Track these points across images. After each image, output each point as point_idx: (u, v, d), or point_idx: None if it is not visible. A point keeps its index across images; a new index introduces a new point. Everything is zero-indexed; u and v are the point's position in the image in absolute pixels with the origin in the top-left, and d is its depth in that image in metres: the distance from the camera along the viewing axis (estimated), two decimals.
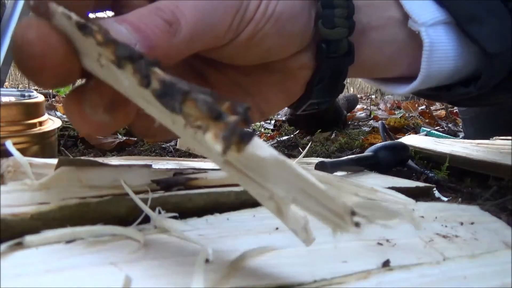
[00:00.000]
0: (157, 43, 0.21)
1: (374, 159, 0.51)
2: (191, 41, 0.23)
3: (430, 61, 0.34)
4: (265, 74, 0.31)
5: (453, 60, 0.35)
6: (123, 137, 0.76)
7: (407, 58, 0.35)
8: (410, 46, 0.34)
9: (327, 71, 0.31)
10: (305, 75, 0.32)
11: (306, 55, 0.31)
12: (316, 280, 0.21)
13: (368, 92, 3.99)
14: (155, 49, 0.21)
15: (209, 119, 0.16)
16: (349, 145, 0.77)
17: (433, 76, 0.35)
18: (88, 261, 0.21)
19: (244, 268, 0.22)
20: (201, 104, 0.16)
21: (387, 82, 0.39)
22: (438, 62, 0.34)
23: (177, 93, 0.16)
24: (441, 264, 0.24)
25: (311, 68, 0.31)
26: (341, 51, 0.31)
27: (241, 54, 0.27)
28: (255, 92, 0.31)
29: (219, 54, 0.27)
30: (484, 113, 0.79)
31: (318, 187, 0.17)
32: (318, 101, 0.34)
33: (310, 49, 0.31)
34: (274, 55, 0.29)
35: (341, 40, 0.30)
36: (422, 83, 0.35)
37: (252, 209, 0.31)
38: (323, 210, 0.17)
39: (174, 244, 0.24)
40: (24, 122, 0.47)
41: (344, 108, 1.20)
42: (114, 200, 0.27)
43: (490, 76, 0.35)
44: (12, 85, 3.15)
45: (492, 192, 0.45)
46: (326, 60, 0.31)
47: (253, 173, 0.17)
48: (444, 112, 1.35)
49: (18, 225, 0.23)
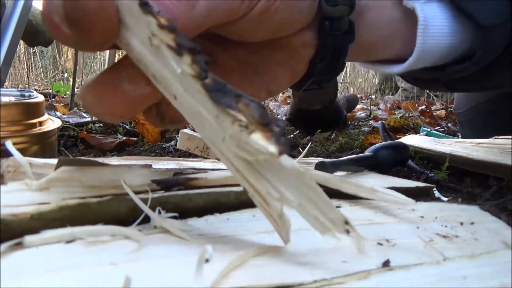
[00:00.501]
0: (178, 16, 0.23)
1: (374, 159, 0.51)
2: (208, 14, 0.24)
3: (425, 36, 0.35)
4: (271, 53, 0.32)
5: (449, 37, 0.35)
6: (123, 137, 0.76)
7: (403, 37, 0.36)
8: (406, 25, 0.35)
9: (329, 48, 0.33)
10: (308, 53, 0.33)
11: (309, 33, 0.32)
12: (316, 280, 0.21)
13: (368, 92, 3.99)
14: (176, 21, 0.22)
15: (258, 124, 0.19)
16: (349, 145, 0.77)
17: (429, 52, 0.36)
18: (88, 261, 0.21)
19: (244, 268, 0.22)
20: (254, 110, 0.19)
21: (384, 63, 0.40)
22: (433, 38, 0.35)
23: (230, 93, 0.19)
24: (441, 264, 0.24)
25: (314, 46, 0.33)
26: (342, 29, 0.32)
27: (253, 29, 0.28)
28: (263, 71, 0.32)
29: (232, 29, 0.28)
30: (481, 115, 0.79)
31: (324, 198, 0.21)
32: (319, 79, 0.35)
33: (313, 27, 0.32)
34: (283, 30, 0.30)
35: (343, 18, 0.32)
36: (418, 59, 0.36)
37: (252, 209, 0.31)
38: (321, 216, 0.22)
39: (174, 244, 0.24)
40: (24, 122, 0.47)
41: (344, 108, 1.20)
42: (114, 200, 0.27)
43: (485, 50, 0.36)
44: (12, 85, 3.15)
45: (492, 192, 0.45)
46: (329, 37, 0.32)
47: (270, 176, 0.21)
48: (444, 112, 1.35)
49: (18, 225, 0.23)
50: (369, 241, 0.27)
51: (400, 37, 0.36)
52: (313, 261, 0.23)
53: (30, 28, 1.74)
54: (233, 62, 0.32)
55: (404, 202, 0.33)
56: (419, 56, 0.36)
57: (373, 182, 0.43)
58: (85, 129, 0.83)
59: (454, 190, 0.48)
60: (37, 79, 3.86)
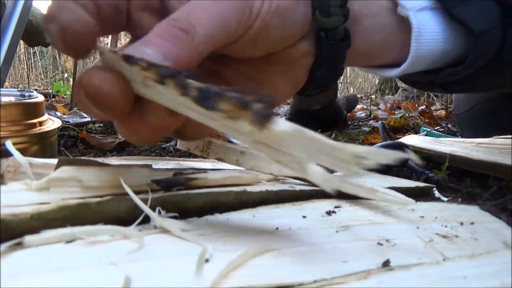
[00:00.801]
0: (179, 52, 0.25)
1: None
2: (208, 41, 0.26)
3: (419, 42, 0.36)
4: (271, 66, 0.33)
5: (441, 43, 0.37)
6: (123, 137, 0.76)
7: (398, 43, 0.37)
8: (401, 32, 0.37)
9: (327, 57, 0.34)
10: (307, 63, 0.34)
11: (306, 44, 0.33)
12: (316, 280, 0.21)
13: (368, 92, 3.99)
14: (179, 57, 0.24)
15: (240, 110, 0.20)
16: None
17: (423, 57, 0.37)
18: (88, 261, 0.21)
19: (244, 268, 0.22)
20: (233, 100, 0.20)
21: (381, 67, 0.41)
22: (427, 44, 0.37)
23: (213, 95, 0.21)
24: (441, 264, 0.24)
25: (312, 55, 0.34)
26: (338, 37, 0.33)
27: (252, 47, 0.30)
28: (265, 83, 0.34)
29: (233, 49, 0.30)
30: (480, 115, 0.79)
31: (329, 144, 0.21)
32: (320, 85, 0.37)
33: (309, 38, 0.33)
34: (280, 44, 0.32)
35: (337, 27, 0.33)
36: (412, 64, 0.37)
37: (252, 209, 0.31)
38: (336, 160, 0.22)
39: (174, 244, 0.24)
40: (24, 122, 0.47)
41: (344, 108, 1.20)
42: (114, 200, 0.27)
43: (477, 55, 0.37)
44: (12, 85, 3.15)
45: (492, 192, 0.45)
46: (326, 46, 0.33)
47: (280, 146, 0.22)
48: (444, 112, 1.35)
49: (18, 225, 0.23)
50: (369, 241, 0.27)
51: (395, 43, 0.37)
52: (313, 261, 0.23)
53: (30, 28, 1.73)
54: (237, 77, 0.33)
55: (404, 202, 0.33)
56: (413, 61, 0.37)
57: (373, 182, 0.43)
58: (85, 129, 0.83)
59: (454, 190, 0.48)
60: (37, 79, 3.86)
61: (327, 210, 0.32)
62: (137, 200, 0.26)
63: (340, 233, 0.28)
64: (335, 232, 0.28)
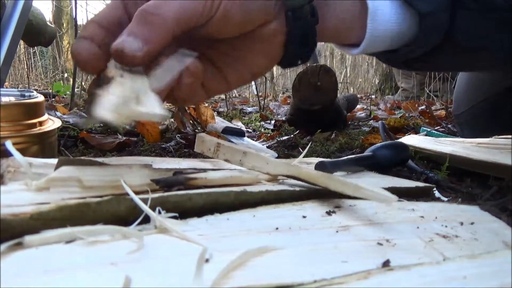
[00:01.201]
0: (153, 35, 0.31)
1: (373, 159, 0.51)
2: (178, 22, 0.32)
3: (374, 23, 0.41)
4: (248, 44, 0.38)
5: (396, 24, 0.42)
6: (123, 137, 0.76)
7: (360, 23, 0.42)
8: (362, 14, 0.42)
9: (297, 32, 0.38)
10: (280, 39, 0.39)
11: (276, 23, 0.38)
12: (316, 280, 0.21)
13: (368, 92, 3.99)
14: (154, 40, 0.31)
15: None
16: (349, 145, 0.77)
17: (380, 37, 0.42)
18: (88, 261, 0.21)
19: (244, 268, 0.22)
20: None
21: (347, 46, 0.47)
22: (383, 25, 0.41)
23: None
24: (441, 264, 0.24)
25: (284, 33, 0.38)
26: (305, 15, 0.38)
27: (223, 28, 0.35)
28: (243, 59, 0.39)
29: (208, 30, 0.35)
30: (480, 115, 0.79)
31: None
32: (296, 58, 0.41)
33: (280, 18, 0.38)
34: (248, 26, 0.36)
35: (303, 6, 0.37)
36: (370, 43, 0.42)
37: (252, 209, 0.31)
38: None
39: (174, 244, 0.24)
40: (24, 122, 0.47)
41: (344, 108, 1.19)
42: (114, 200, 0.27)
43: (425, 34, 0.42)
44: (12, 85, 3.15)
45: (492, 192, 0.45)
46: (294, 24, 0.38)
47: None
48: (444, 112, 1.35)
49: (18, 225, 0.23)
50: (369, 241, 0.27)
51: (357, 24, 0.42)
52: (313, 261, 0.23)
53: (30, 28, 1.74)
54: (218, 55, 0.39)
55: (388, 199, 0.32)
56: (370, 40, 0.42)
57: (373, 182, 0.43)
58: (85, 129, 0.83)
59: (454, 190, 0.48)
60: (37, 79, 3.86)
61: (327, 210, 0.32)
62: (137, 200, 0.26)
63: (340, 233, 0.28)
64: (335, 232, 0.28)
